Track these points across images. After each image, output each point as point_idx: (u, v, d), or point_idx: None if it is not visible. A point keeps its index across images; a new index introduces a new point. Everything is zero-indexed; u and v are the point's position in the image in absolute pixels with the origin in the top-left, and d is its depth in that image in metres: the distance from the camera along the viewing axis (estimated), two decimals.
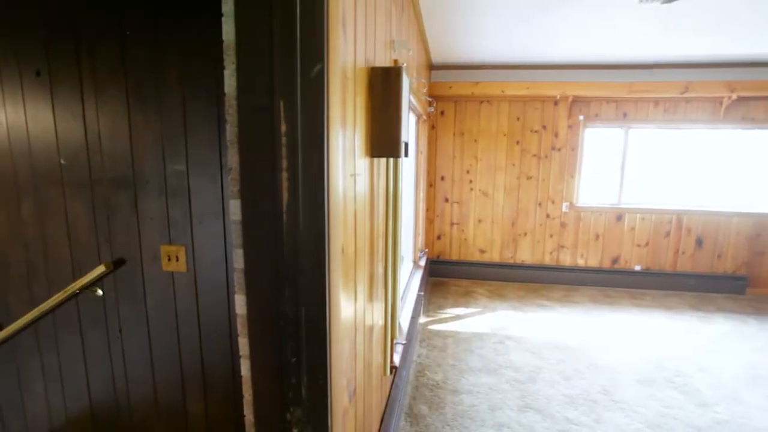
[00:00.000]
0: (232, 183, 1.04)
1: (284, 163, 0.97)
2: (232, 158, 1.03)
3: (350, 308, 1.25)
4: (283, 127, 0.96)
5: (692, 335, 3.63)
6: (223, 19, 0.97)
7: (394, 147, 1.40)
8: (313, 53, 0.94)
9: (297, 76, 0.94)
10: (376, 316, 1.67)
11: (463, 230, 5.00)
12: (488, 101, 4.74)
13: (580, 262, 4.91)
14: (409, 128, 3.79)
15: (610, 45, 3.74)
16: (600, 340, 3.48)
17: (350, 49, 1.14)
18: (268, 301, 1.04)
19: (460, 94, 4.58)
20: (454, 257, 5.06)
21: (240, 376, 1.10)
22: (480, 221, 4.96)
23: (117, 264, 1.61)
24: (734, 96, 4.30)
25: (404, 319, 2.82)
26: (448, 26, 3.34)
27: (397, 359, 2.27)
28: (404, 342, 2.45)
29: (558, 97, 4.55)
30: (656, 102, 4.57)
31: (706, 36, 3.42)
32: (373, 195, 1.50)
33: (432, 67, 4.68)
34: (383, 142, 1.41)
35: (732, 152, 4.70)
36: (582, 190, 4.83)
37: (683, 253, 4.77)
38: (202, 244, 1.54)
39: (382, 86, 1.41)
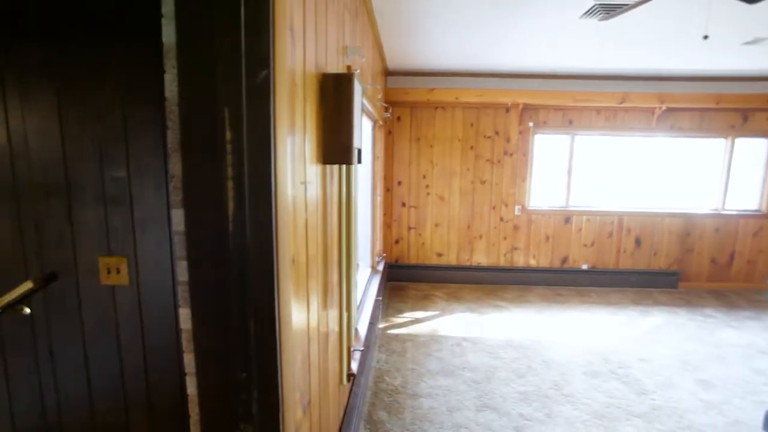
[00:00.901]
0: (175, 192, 0.99)
1: (230, 172, 0.94)
2: (175, 166, 0.98)
3: (303, 318, 1.22)
4: (228, 135, 0.93)
5: (633, 328, 3.88)
6: (162, 20, 0.93)
7: (347, 154, 1.40)
8: (258, 58, 0.92)
9: (242, 82, 0.91)
10: (331, 324, 1.65)
11: (420, 234, 5.07)
12: (443, 107, 4.85)
13: (533, 263, 5.12)
14: (364, 134, 3.80)
15: (556, 56, 3.95)
16: (551, 338, 3.64)
17: (299, 55, 1.13)
18: (215, 315, 1.00)
19: (415, 101, 4.65)
20: (412, 261, 5.12)
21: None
22: (437, 225, 5.05)
23: (48, 279, 1.48)
24: (664, 107, 4.67)
25: (362, 325, 2.80)
26: (402, 34, 3.38)
27: (354, 367, 2.26)
28: (362, 348, 2.44)
29: (509, 104, 4.74)
30: (598, 111, 4.87)
31: (638, 51, 3.70)
32: (326, 202, 1.48)
33: (388, 73, 4.72)
34: (335, 148, 1.40)
35: (664, 158, 5.10)
36: (533, 194, 5.05)
37: (624, 252, 5.10)
38: (146, 255, 1.45)
39: (334, 93, 1.41)
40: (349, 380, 2.19)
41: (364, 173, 3.94)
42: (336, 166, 1.60)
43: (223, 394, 1.02)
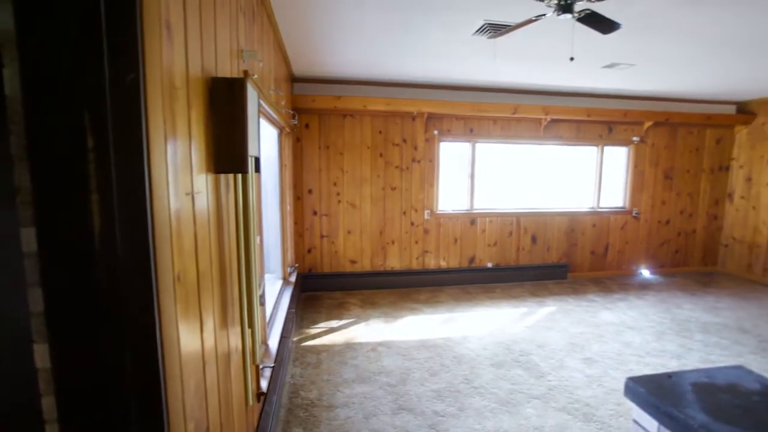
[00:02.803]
0: (23, 206, 0.85)
1: (94, 183, 0.83)
2: (22, 176, 0.84)
3: (195, 340, 1.12)
4: (90, 142, 0.82)
5: (531, 318, 4.26)
6: None
7: (241, 162, 1.33)
8: (125, 57, 0.82)
9: (105, 83, 0.81)
10: (233, 342, 1.54)
11: (333, 242, 5.04)
12: (352, 115, 4.89)
13: (443, 264, 5.37)
14: (270, 141, 3.67)
15: (456, 69, 4.22)
16: (462, 334, 3.84)
17: (180, 56, 1.04)
18: (80, 349, 0.87)
19: (323, 108, 4.63)
20: (326, 270, 5.05)
21: None
22: (349, 232, 5.06)
23: None
24: (549, 118, 5.24)
25: (273, 340, 2.68)
26: (307, 41, 3.34)
27: (264, 385, 2.15)
28: (273, 365, 2.33)
29: (415, 113, 4.94)
30: (495, 120, 5.30)
31: (524, 68, 4.11)
32: (220, 213, 1.39)
33: (294, 79, 4.64)
34: (228, 157, 1.32)
35: (552, 162, 5.72)
36: (441, 198, 5.30)
37: (523, 249, 5.59)
38: None
39: (226, 98, 1.33)
40: (259, 400, 2.08)
41: (272, 182, 3.81)
42: (231, 176, 1.51)
43: None
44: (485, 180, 5.48)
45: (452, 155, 5.34)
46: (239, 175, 1.51)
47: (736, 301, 4.89)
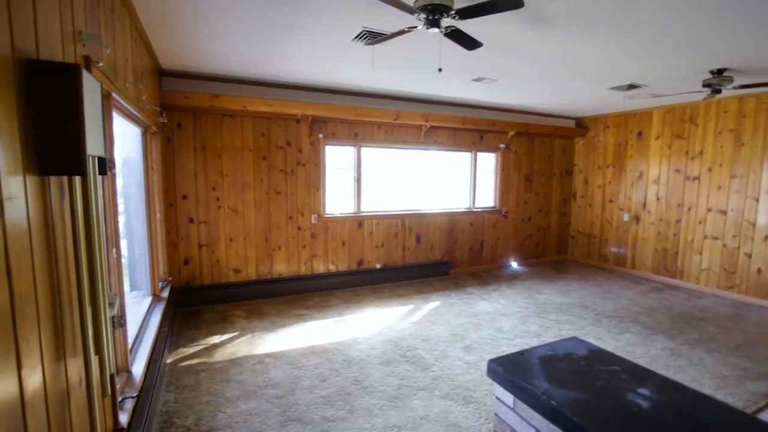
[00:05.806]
0: None
1: None
2: None
3: (8, 382, 0.91)
4: None
5: (417, 314, 4.49)
6: None
7: (75, 163, 1.13)
8: None
9: None
10: (73, 376, 1.31)
11: (213, 251, 4.66)
12: (231, 116, 4.60)
13: (332, 268, 5.36)
14: (124, 140, 3.26)
15: (338, 73, 4.24)
16: (352, 336, 3.86)
17: None
18: None
19: (198, 106, 4.26)
20: (207, 281, 4.66)
21: None
22: (232, 240, 4.74)
23: None
24: (428, 125, 5.60)
25: (139, 365, 2.37)
26: (175, 31, 3.04)
27: (125, 419, 1.88)
28: (136, 394, 2.05)
29: (299, 115, 4.85)
30: (379, 125, 5.48)
31: (402, 77, 4.32)
32: (50, 223, 1.16)
33: (163, 73, 4.19)
34: (58, 156, 1.12)
35: (433, 166, 6.12)
36: (328, 202, 5.29)
37: (408, 249, 5.87)
38: None
39: (52, 87, 1.12)
40: None
41: (136, 186, 3.37)
42: (66, 179, 1.28)
43: None
44: (371, 183, 5.62)
45: (338, 159, 5.37)
46: (77, 178, 1.29)
47: (581, 283, 5.82)
